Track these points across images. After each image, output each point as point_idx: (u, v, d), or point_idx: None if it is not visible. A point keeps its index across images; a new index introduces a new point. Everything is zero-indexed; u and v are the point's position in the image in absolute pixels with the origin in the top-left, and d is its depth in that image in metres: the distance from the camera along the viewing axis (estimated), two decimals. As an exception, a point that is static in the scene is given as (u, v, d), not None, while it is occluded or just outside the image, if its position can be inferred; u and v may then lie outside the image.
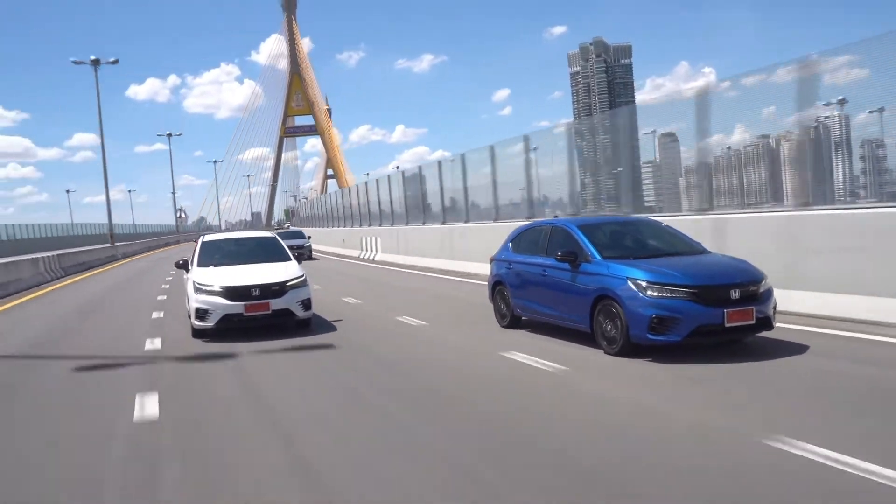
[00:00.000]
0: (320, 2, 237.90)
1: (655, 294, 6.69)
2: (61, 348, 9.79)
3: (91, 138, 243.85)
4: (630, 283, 6.87)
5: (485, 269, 10.75)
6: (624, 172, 12.98)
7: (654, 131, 12.52)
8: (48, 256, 25.27)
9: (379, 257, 25.92)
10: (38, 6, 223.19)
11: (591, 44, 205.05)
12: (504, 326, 9.22)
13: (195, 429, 5.34)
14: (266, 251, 11.09)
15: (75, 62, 43.44)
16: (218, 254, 10.82)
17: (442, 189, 20.80)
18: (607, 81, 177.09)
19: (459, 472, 4.12)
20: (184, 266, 10.92)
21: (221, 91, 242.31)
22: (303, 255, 28.29)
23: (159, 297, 15.31)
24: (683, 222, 9.50)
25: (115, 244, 42.47)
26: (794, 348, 6.87)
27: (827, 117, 9.39)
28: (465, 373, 6.86)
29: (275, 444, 4.86)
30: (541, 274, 8.35)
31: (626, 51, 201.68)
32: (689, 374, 6.17)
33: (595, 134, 14.93)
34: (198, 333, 9.51)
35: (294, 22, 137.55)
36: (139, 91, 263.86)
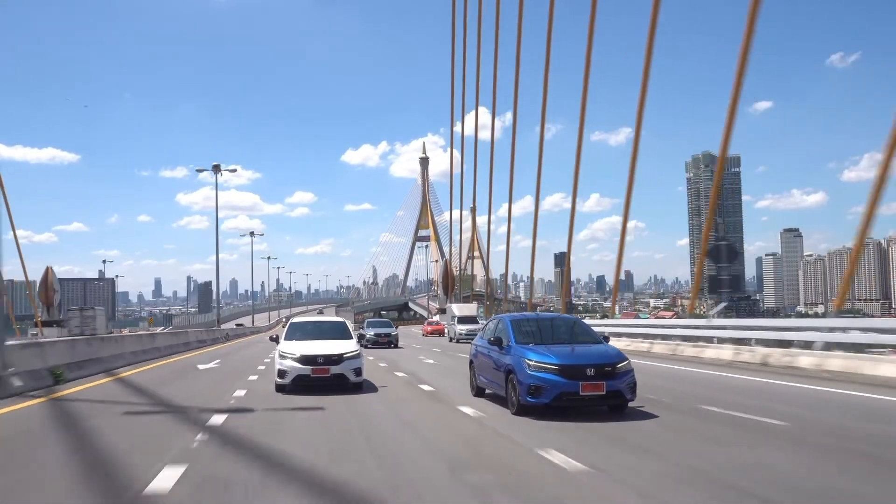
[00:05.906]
0: (523, 83, 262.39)
1: (535, 369, 9.32)
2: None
3: (309, 196, 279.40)
4: (524, 361, 9.55)
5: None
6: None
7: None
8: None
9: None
10: (279, 85, 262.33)
11: (700, 155, 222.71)
12: (474, 395, 11.84)
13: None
14: (335, 331, 14.07)
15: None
16: (300, 332, 13.93)
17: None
18: (714, 186, 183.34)
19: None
20: (276, 340, 14.17)
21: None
22: (391, 342, 31.29)
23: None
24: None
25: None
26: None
27: None
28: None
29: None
30: (486, 354, 11.16)
31: (736, 161, 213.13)
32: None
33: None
34: (279, 388, 12.42)
35: (427, 173, 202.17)
36: (353, 156, 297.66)
